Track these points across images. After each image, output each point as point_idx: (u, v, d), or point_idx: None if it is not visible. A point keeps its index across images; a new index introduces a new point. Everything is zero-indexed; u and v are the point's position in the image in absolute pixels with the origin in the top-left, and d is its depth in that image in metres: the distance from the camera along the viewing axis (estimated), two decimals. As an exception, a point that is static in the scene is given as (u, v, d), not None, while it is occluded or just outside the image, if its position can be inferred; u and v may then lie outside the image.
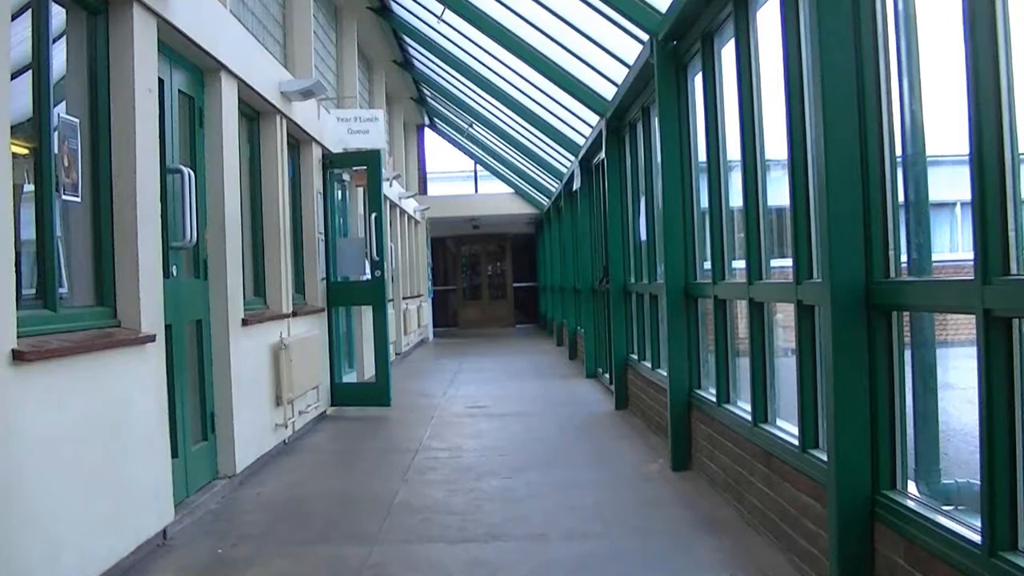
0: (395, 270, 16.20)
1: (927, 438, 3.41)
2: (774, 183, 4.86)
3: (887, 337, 3.54)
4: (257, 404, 7.01)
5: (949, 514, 3.15)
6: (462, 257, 27.22)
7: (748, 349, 5.11)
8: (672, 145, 6.61)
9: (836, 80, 3.61)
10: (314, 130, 9.30)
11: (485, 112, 15.53)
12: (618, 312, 9.58)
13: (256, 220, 7.79)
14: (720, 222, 5.77)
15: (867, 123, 3.57)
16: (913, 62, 3.37)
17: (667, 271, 6.69)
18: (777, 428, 4.75)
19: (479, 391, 11.33)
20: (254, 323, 6.91)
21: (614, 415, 9.13)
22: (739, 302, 5.58)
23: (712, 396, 5.98)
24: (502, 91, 12.50)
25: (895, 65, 3.46)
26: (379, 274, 9.49)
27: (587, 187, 12.24)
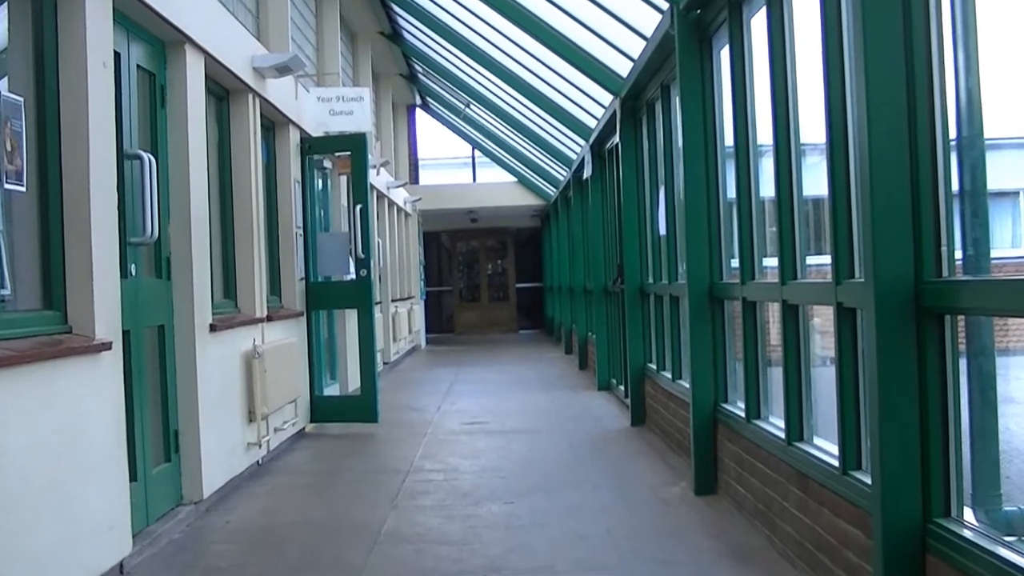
0: (383, 269, 16.19)
1: (986, 459, 3.39)
2: (811, 170, 4.84)
3: (939, 344, 3.52)
4: (227, 420, 6.99)
5: (1011, 545, 3.12)
6: (458, 254, 27.23)
7: (781, 358, 5.08)
8: (695, 128, 6.60)
9: (881, 53, 3.58)
10: (291, 111, 9.28)
11: (484, 91, 15.52)
12: (634, 316, 9.56)
13: (226, 213, 7.77)
14: (749, 214, 5.75)
15: (917, 101, 3.55)
16: (970, 32, 3.34)
17: (689, 270, 6.68)
18: (814, 447, 4.74)
19: (478, 405, 11.32)
20: (224, 329, 6.90)
21: (629, 432, 9.12)
22: (771, 304, 5.57)
23: (740, 411, 5.96)
24: (503, 67, 12.48)
25: (949, 35, 3.43)
26: (365, 273, 9.48)
27: (599, 175, 12.22)
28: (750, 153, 5.74)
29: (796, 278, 4.93)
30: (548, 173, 18.64)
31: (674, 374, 8.06)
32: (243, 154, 7.92)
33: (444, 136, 23.30)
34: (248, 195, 7.91)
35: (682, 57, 6.62)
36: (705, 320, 6.60)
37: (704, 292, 6.62)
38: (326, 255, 9.79)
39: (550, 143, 15.45)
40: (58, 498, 4.32)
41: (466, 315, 26.83)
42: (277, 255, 9.16)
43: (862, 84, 3.63)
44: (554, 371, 15.22)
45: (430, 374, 15.76)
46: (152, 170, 5.52)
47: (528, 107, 13.75)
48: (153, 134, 6.15)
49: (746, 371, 5.83)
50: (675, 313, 8.10)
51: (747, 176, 5.76)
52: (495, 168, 22.83)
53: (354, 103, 10.39)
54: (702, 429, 6.53)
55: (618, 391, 11.30)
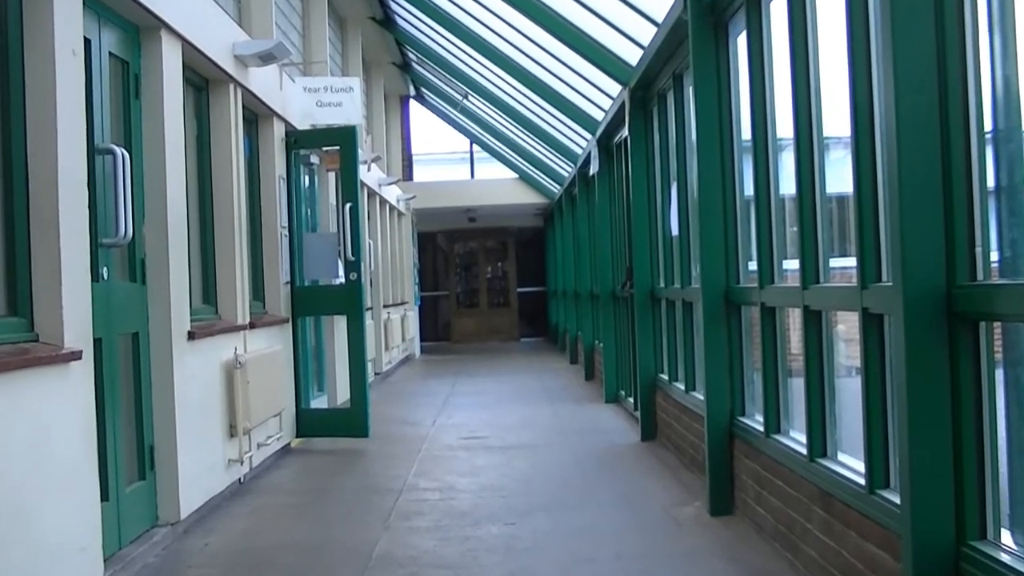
0: (374, 272, 16.19)
1: (1024, 477, 3.38)
2: (834, 166, 4.83)
3: (973, 352, 3.51)
4: (206, 435, 6.98)
5: (1051, 570, 3.10)
6: (455, 256, 27.25)
7: (803, 368, 5.08)
8: (710, 120, 6.59)
9: (911, 39, 3.57)
10: (275, 102, 9.28)
11: (483, 81, 15.52)
12: (644, 323, 9.56)
13: (205, 212, 7.77)
14: (768, 213, 5.74)
15: (949, 91, 3.54)
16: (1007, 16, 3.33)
17: (704, 273, 6.67)
18: (839, 464, 4.73)
19: (476, 419, 11.31)
20: (203, 337, 6.89)
21: (640, 447, 9.11)
22: (791, 310, 5.56)
23: (759, 425, 5.95)
24: (503, 55, 12.48)
25: (984, 19, 3.42)
26: (355, 277, 9.48)
27: (607, 171, 12.22)
28: (769, 147, 5.73)
29: (818, 282, 4.92)
30: (552, 169, 18.64)
31: (687, 385, 8.06)
32: (224, 149, 7.92)
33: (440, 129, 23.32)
34: (229, 193, 7.90)
35: (696, 44, 6.61)
36: (720, 327, 6.59)
37: (719, 297, 6.60)
38: (313, 257, 9.78)
39: (554, 137, 15.45)
40: (23, 518, 4.31)
41: (464, 322, 26.83)
42: (260, 257, 9.16)
43: (890, 72, 3.62)
44: (558, 382, 15.22)
45: (425, 385, 15.76)
46: (125, 166, 5.51)
47: (530, 98, 13.76)
48: (127, 127, 6.14)
49: (765, 382, 5.82)
50: (688, 320, 8.09)
51: (766, 172, 5.75)
52: (495, 164, 22.84)
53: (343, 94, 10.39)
54: (718, 444, 6.52)
55: (627, 403, 11.28)
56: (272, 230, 9.27)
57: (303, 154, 10.49)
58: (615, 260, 12.17)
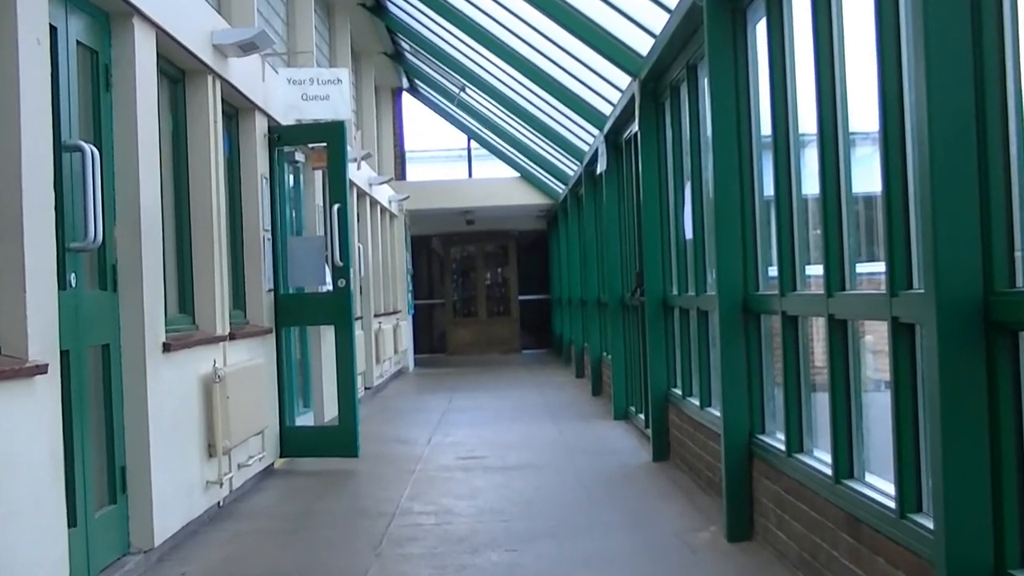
0: (364, 279, 16.19)
1: (1068, 500, 3.36)
2: (861, 163, 4.82)
3: (1012, 365, 3.50)
4: (182, 455, 6.97)
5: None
6: (452, 262, 27.25)
7: (827, 382, 5.07)
8: (727, 114, 6.59)
9: (945, 26, 3.57)
10: (257, 95, 9.28)
11: (481, 72, 15.52)
12: (656, 333, 9.55)
13: (181, 214, 7.76)
14: (790, 215, 5.74)
15: (986, 82, 3.53)
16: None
17: (720, 279, 6.67)
18: (867, 486, 4.72)
19: (474, 437, 11.31)
20: (179, 348, 6.89)
21: (651, 468, 9.10)
22: (815, 320, 5.55)
23: (780, 443, 5.94)
24: (504, 44, 12.48)
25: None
26: (343, 284, 9.47)
27: (615, 170, 12.22)
28: (790, 143, 5.73)
29: (844, 289, 4.91)
30: (556, 168, 18.64)
31: (702, 401, 8.05)
32: (201, 145, 7.91)
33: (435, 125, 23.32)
34: (207, 193, 7.89)
35: (711, 32, 6.61)
36: (738, 338, 6.58)
37: (737, 305, 6.60)
38: (298, 263, 9.77)
39: (558, 133, 15.45)
40: (-16, 546, 4.29)
41: (461, 332, 26.83)
42: (241, 263, 9.15)
43: (922, 61, 3.61)
44: (563, 397, 15.21)
45: (419, 401, 15.74)
46: (95, 164, 5.50)
47: (533, 91, 13.76)
48: (96, 122, 6.13)
49: (786, 397, 5.82)
50: (703, 329, 8.08)
51: (787, 170, 5.75)
52: (494, 162, 22.84)
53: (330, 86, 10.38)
54: (735, 465, 6.51)
55: (637, 420, 11.27)
56: (254, 233, 9.26)
57: (287, 151, 10.49)
58: (624, 265, 12.16)
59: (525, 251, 27.17)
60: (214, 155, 7.99)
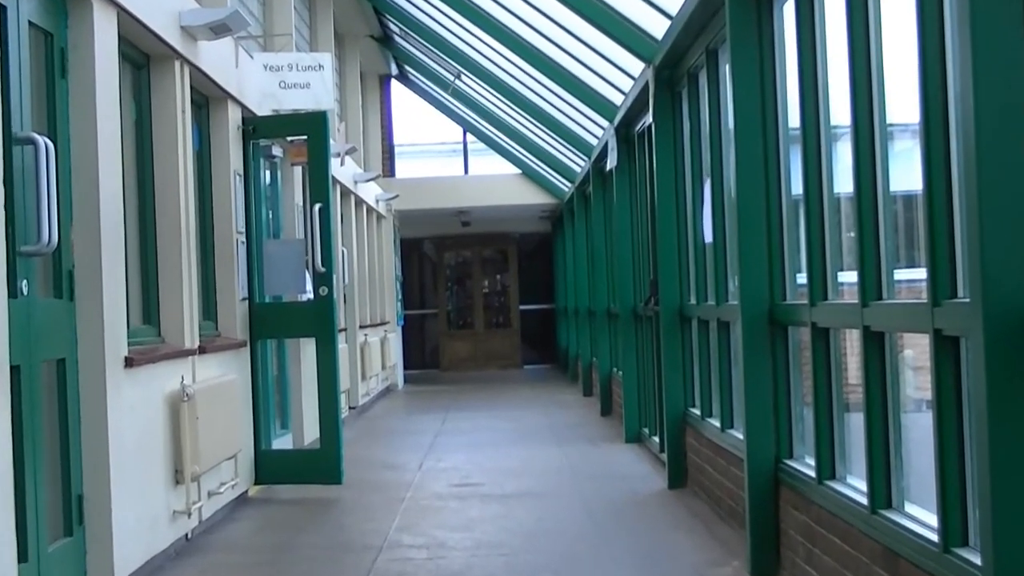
0: (349, 287, 16.19)
1: None
2: (900, 158, 4.82)
3: (1069, 383, 3.49)
4: (146, 482, 6.96)
5: None
6: (446, 268, 27.25)
7: (862, 401, 5.05)
8: (750, 104, 6.59)
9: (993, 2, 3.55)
10: (230, 83, 9.28)
11: (479, 57, 15.53)
12: (672, 347, 9.54)
13: (146, 214, 7.76)
14: (820, 216, 5.74)
15: (1038, 68, 3.52)
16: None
17: (743, 287, 6.67)
18: (906, 516, 4.72)
19: (470, 462, 11.31)
20: (143, 363, 6.88)
21: (667, 496, 9.10)
22: (848, 332, 5.54)
23: (810, 470, 5.95)
24: (503, 26, 12.49)
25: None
26: (326, 292, 9.47)
27: (627, 166, 12.23)
28: (821, 136, 5.73)
29: (881, 298, 4.91)
30: (561, 163, 18.65)
31: (724, 422, 8.04)
32: (168, 138, 7.91)
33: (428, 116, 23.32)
34: (175, 191, 7.89)
35: (734, 13, 6.61)
36: (763, 352, 6.58)
37: (762, 316, 6.60)
38: (276, 269, 9.77)
39: (564, 125, 15.45)
40: (-75, 583, 4.28)
41: (456, 346, 26.82)
42: (212, 269, 9.15)
43: (968, 45, 3.60)
44: (569, 417, 15.21)
45: (410, 422, 15.72)
46: (49, 158, 5.50)
47: (536, 79, 13.76)
48: (51, 112, 6.13)
49: (817, 418, 5.81)
50: (725, 343, 8.08)
51: (817, 166, 5.75)
52: (493, 157, 22.84)
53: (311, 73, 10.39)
54: (760, 493, 6.51)
55: (651, 443, 11.26)
56: (226, 236, 9.25)
57: (264, 145, 10.48)
58: (637, 272, 12.16)
59: (527, 256, 27.17)
60: (182, 149, 7.98)
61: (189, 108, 8.25)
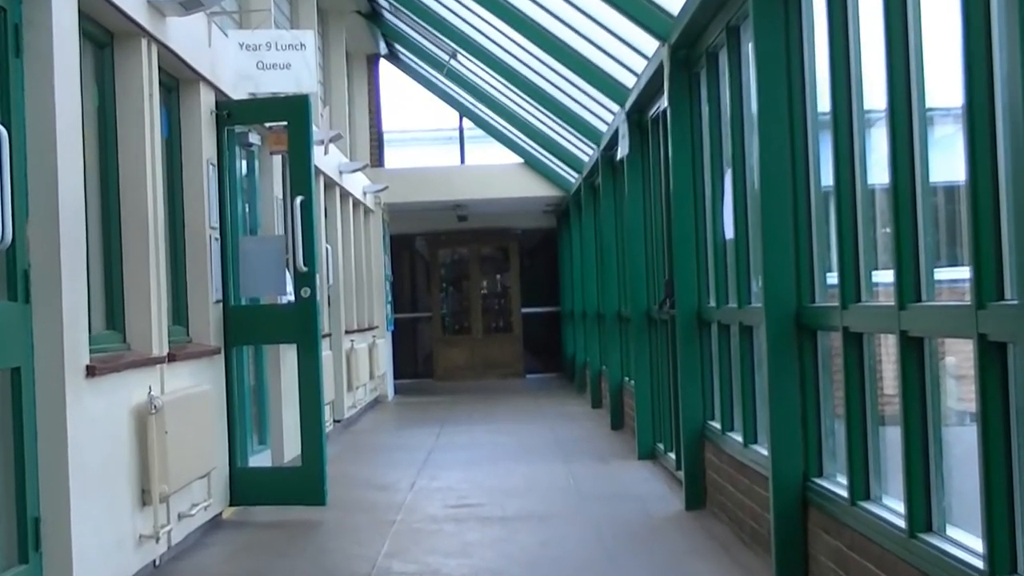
0: (333, 288, 16.18)
1: None
2: (941, 146, 4.81)
3: None
4: (110, 503, 6.95)
5: None
6: (440, 267, 27.23)
7: (899, 413, 5.05)
8: (776, 86, 6.60)
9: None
10: (203, 64, 9.27)
11: (477, 36, 15.52)
12: (689, 354, 9.53)
13: (110, 208, 7.75)
14: (853, 209, 5.74)
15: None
16: None
17: (768, 288, 6.67)
18: (948, 541, 4.72)
19: (468, 480, 11.31)
20: (107, 373, 6.87)
21: (683, 518, 9.10)
22: (884, 337, 5.53)
23: (841, 489, 5.95)
24: (504, 2, 12.48)
25: None
26: (307, 294, 9.45)
27: (639, 155, 12.22)
28: (854, 122, 5.72)
29: (920, 300, 4.91)
30: (567, 152, 18.64)
31: (747, 436, 8.03)
32: (134, 125, 7.90)
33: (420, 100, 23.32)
34: (142, 183, 7.88)
35: (756, -14, 6.62)
36: (790, 359, 6.58)
37: (788, 320, 6.60)
38: (253, 268, 9.75)
39: (570, 110, 15.45)
40: None
41: (451, 353, 26.80)
42: (183, 268, 9.14)
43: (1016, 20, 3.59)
44: (576, 431, 15.20)
45: (401, 437, 15.71)
46: (3, 147, 5.49)
47: (539, 59, 13.75)
48: (4, 95, 6.12)
49: (849, 432, 5.81)
50: (747, 349, 8.07)
51: (849, 155, 5.74)
52: (492, 145, 22.83)
53: (292, 52, 10.37)
54: (787, 514, 6.51)
55: (667, 460, 11.26)
56: (198, 232, 9.24)
57: (239, 132, 10.47)
58: (650, 272, 12.16)
59: (529, 254, 27.15)
60: (149, 136, 7.97)
61: (157, 91, 8.23)
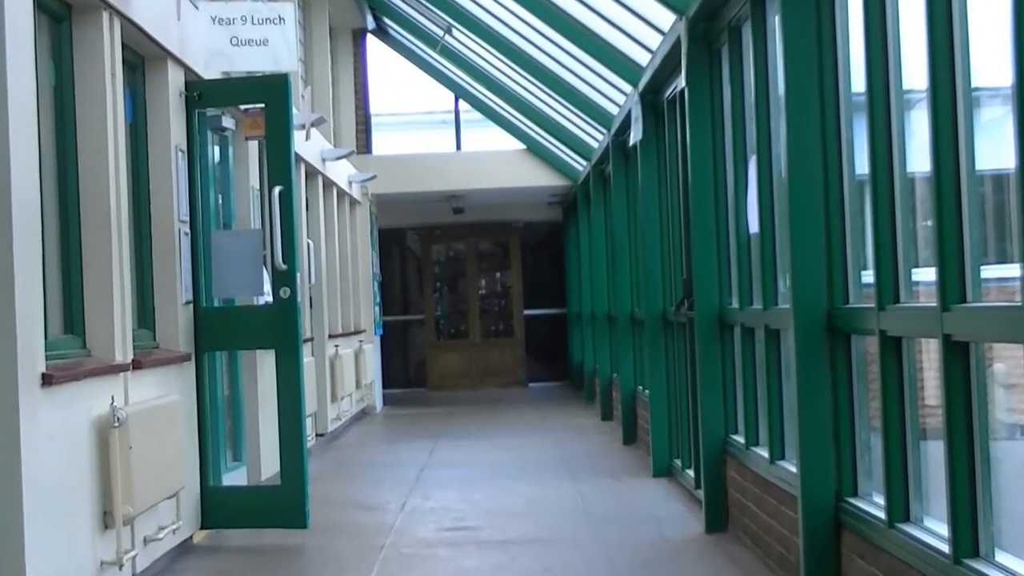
0: (315, 287, 16.17)
1: None
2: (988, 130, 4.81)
3: None
4: (68, 526, 6.95)
5: None
6: (434, 265, 27.22)
7: (943, 426, 5.04)
8: (806, 64, 6.61)
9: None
10: (171, 39, 9.26)
11: (475, 9, 15.53)
12: (710, 360, 9.53)
13: (68, 199, 7.74)
14: (891, 200, 5.74)
15: None
16: None
17: (795, 288, 6.67)
18: (997, 568, 4.72)
19: (464, 500, 11.32)
20: (64, 382, 6.86)
21: (704, 542, 9.10)
22: (925, 342, 5.52)
23: (878, 510, 5.95)
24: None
25: None
26: (287, 294, 9.45)
27: (654, 140, 12.22)
28: (892, 104, 5.72)
29: (965, 300, 4.90)
30: (575, 137, 18.64)
31: (773, 452, 8.03)
32: (95, 107, 7.89)
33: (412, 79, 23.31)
34: (103, 172, 7.87)
35: (784, -47, 6.62)
36: (821, 366, 6.59)
37: (819, 323, 6.61)
38: (227, 266, 9.74)
39: (578, 90, 15.44)
40: None
41: (446, 360, 26.79)
42: (150, 266, 9.12)
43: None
44: (584, 446, 15.21)
45: (390, 452, 15.71)
46: (-50, 132, 5.49)
47: (544, 34, 13.75)
48: (-48, 75, 6.12)
49: (887, 447, 5.81)
50: (774, 355, 8.07)
51: (887, 140, 5.74)
52: (491, 129, 22.82)
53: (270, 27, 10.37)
54: (818, 538, 6.51)
55: (685, 478, 11.26)
56: (166, 226, 9.23)
57: (212, 115, 10.46)
58: (667, 269, 12.16)
59: (533, 250, 27.15)
60: (112, 120, 7.96)
61: (120, 70, 8.22)
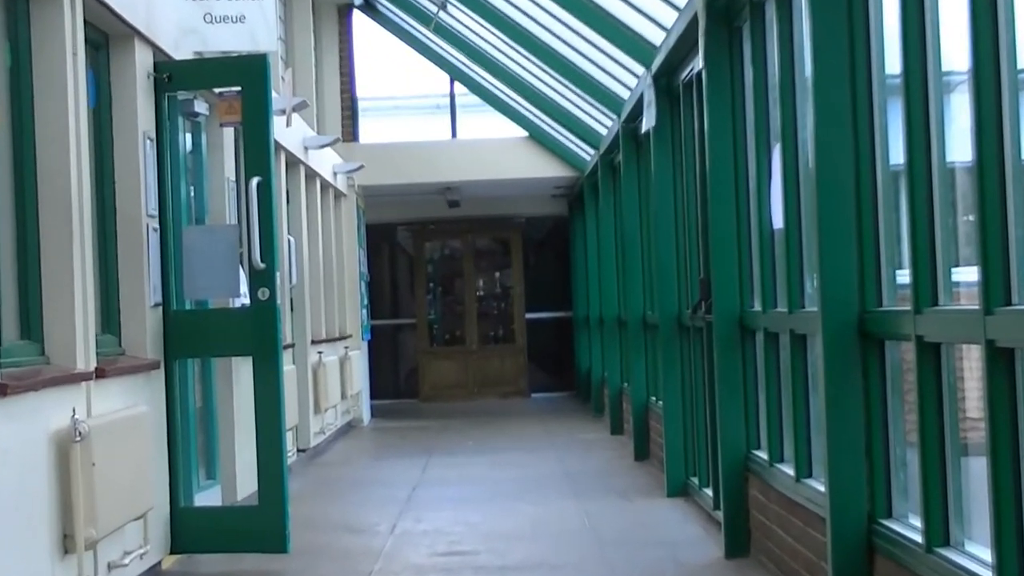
0: (297, 288, 16.18)
1: None
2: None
3: None
4: (24, 551, 6.96)
5: None
6: (427, 263, 27.21)
7: (986, 441, 5.04)
8: (835, 43, 6.61)
9: None
10: (138, 15, 9.26)
11: (471, -17, 15.55)
12: (729, 368, 9.53)
13: (24, 191, 7.75)
14: (928, 193, 5.73)
15: None
16: None
17: (824, 288, 6.68)
18: (1044, 597, 4.70)
19: (460, 522, 11.33)
20: (20, 392, 6.87)
21: (724, 568, 9.12)
22: (967, 348, 5.52)
23: (915, 533, 5.96)
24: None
25: None
26: (266, 296, 9.44)
27: (668, 126, 12.23)
28: (929, 87, 5.72)
29: (1010, 303, 4.90)
30: (581, 124, 18.65)
31: (799, 469, 8.04)
32: (55, 90, 7.89)
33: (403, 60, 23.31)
34: (63, 162, 7.87)
35: (811, -78, 6.62)
36: (852, 375, 6.60)
37: (850, 327, 6.61)
38: (200, 265, 9.74)
39: (585, 72, 15.45)
40: None
41: (440, 368, 26.79)
42: (114, 266, 9.13)
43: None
44: (592, 463, 15.23)
45: (379, 469, 15.72)
46: None
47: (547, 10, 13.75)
48: (-102, 56, 6.13)
49: (924, 464, 5.81)
50: (800, 363, 8.07)
51: (924, 126, 5.74)
52: (490, 114, 22.83)
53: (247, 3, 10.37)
54: (848, 563, 6.52)
55: (702, 498, 11.26)
56: (133, 222, 9.23)
57: (183, 99, 10.46)
58: (682, 269, 12.17)
59: (535, 247, 27.15)
60: (73, 104, 7.96)
61: (83, 50, 8.22)
